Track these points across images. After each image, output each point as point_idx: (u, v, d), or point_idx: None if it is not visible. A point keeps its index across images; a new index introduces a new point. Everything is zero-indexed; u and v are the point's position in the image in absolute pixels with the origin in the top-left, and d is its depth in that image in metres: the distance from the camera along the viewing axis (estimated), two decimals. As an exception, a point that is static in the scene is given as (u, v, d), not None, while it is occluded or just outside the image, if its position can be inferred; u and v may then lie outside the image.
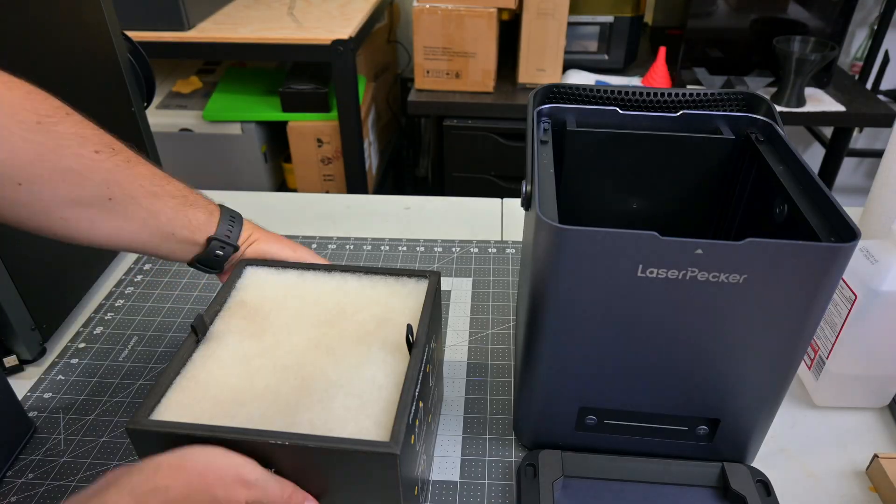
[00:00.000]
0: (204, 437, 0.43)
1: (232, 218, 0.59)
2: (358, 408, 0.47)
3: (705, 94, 0.61)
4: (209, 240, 0.56)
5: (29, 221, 0.49)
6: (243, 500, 0.42)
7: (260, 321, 0.55)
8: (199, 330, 0.52)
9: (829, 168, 1.81)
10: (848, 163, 2.26)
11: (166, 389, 0.48)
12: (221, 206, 0.59)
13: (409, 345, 0.51)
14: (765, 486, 0.55)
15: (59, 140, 0.47)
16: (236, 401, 0.48)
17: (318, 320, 0.55)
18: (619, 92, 0.61)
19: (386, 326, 0.54)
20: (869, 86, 1.89)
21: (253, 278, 0.59)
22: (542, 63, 1.66)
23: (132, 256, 0.88)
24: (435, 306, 0.56)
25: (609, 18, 1.68)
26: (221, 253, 0.57)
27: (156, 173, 0.54)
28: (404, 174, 2.32)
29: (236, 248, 0.58)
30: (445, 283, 0.83)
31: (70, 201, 0.49)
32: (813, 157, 2.16)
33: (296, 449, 0.43)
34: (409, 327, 0.51)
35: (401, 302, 0.57)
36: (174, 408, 0.47)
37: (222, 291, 0.57)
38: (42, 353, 0.72)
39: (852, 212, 0.60)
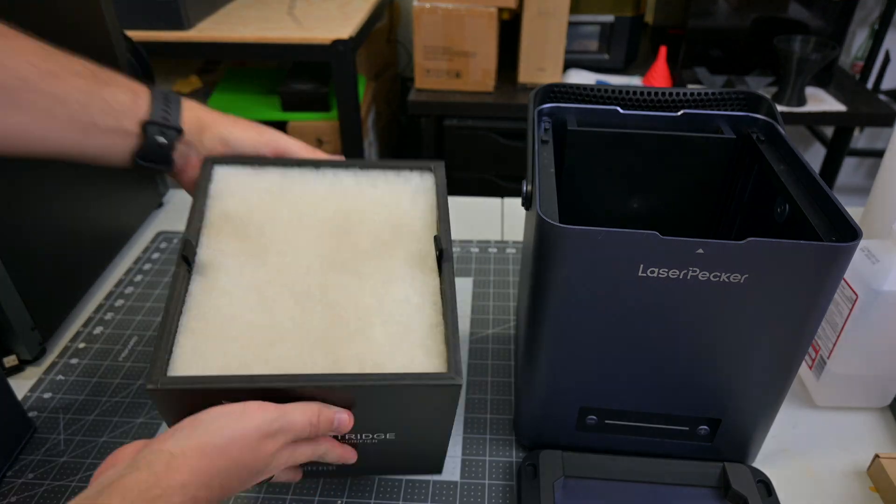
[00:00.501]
0: (245, 389, 0.38)
1: (166, 97, 0.48)
2: (401, 335, 0.43)
3: (706, 94, 0.61)
4: (144, 125, 0.46)
5: None
6: (274, 450, 0.38)
7: (255, 238, 0.48)
8: (190, 257, 0.44)
9: (830, 168, 1.81)
10: (849, 162, 2.26)
11: (175, 335, 0.41)
12: (150, 85, 0.48)
13: (438, 259, 0.47)
14: (766, 486, 0.55)
15: None
16: (263, 340, 0.42)
17: (322, 231, 0.48)
18: (620, 91, 0.61)
19: (401, 234, 0.49)
20: (870, 85, 1.89)
21: (227, 182, 0.50)
22: (542, 62, 1.66)
23: (132, 256, 0.88)
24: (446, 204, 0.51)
25: (609, 18, 1.69)
26: (164, 140, 0.46)
27: (49, 49, 0.43)
28: (404, 174, 2.32)
29: (180, 131, 0.47)
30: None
31: None
32: (814, 156, 2.16)
33: (353, 390, 0.40)
34: (437, 240, 0.47)
35: (409, 202, 0.51)
36: (192, 357, 0.41)
37: (197, 203, 0.48)
38: (42, 353, 0.72)
39: (853, 211, 0.60)
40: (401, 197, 0.51)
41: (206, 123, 0.49)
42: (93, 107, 0.44)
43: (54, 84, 0.42)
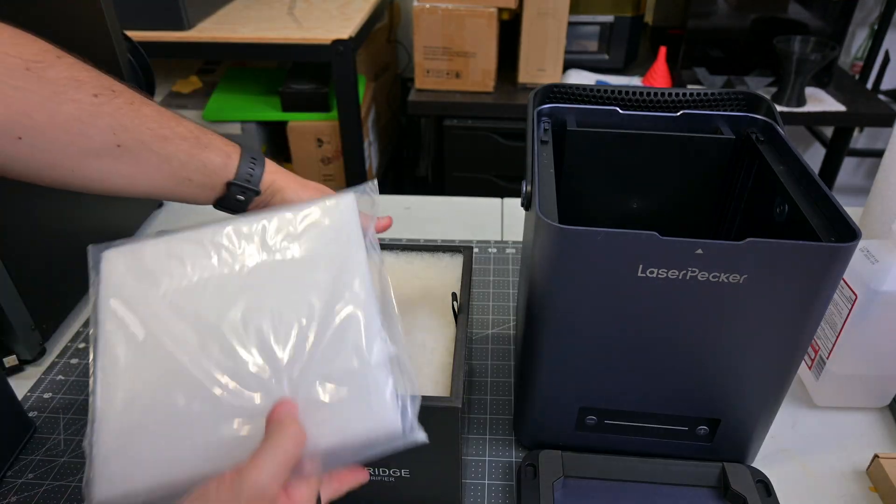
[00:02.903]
0: None
1: (253, 160, 0.54)
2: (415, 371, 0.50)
3: (705, 94, 0.61)
4: (228, 185, 0.53)
5: (39, 176, 0.47)
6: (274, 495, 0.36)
7: None
8: None
9: (830, 168, 1.81)
10: (848, 163, 2.26)
11: None
12: (242, 147, 0.55)
13: (455, 312, 0.55)
14: (765, 486, 0.55)
15: (53, 86, 0.44)
16: None
17: None
18: (620, 92, 0.61)
19: (428, 297, 0.59)
20: (869, 86, 1.89)
21: None
22: (542, 63, 1.66)
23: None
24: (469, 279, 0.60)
25: (609, 18, 1.68)
26: (242, 198, 0.54)
27: (163, 113, 0.51)
28: (404, 174, 2.32)
29: (257, 192, 0.54)
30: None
31: (77, 152, 0.46)
32: (813, 156, 2.16)
33: None
34: (455, 295, 0.55)
35: (439, 274, 0.61)
36: None
37: None
38: (42, 353, 0.72)
39: (852, 212, 0.60)
40: (432, 271, 0.62)
41: (280, 187, 0.55)
42: (191, 166, 0.51)
43: (164, 146, 0.49)
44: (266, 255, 0.44)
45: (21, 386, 0.68)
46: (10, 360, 0.69)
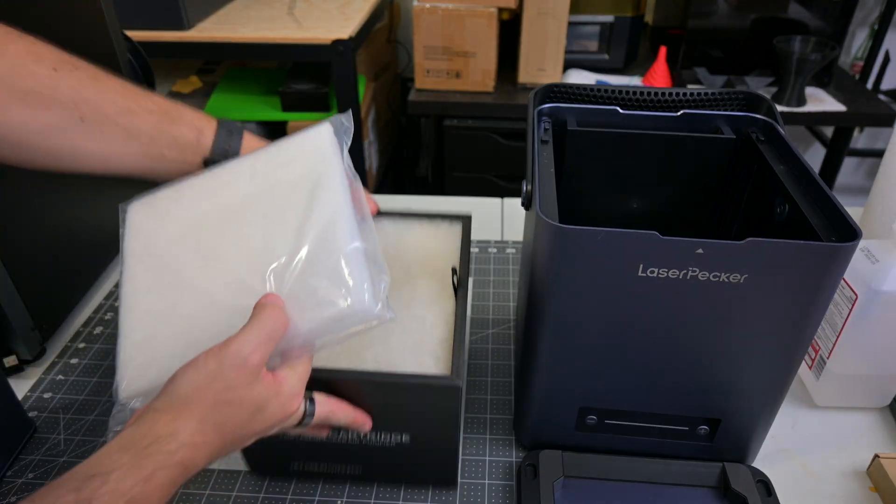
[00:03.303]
0: None
1: (230, 133, 0.53)
2: (415, 345, 0.52)
3: (706, 94, 0.61)
4: (205, 161, 0.52)
5: (9, 156, 0.47)
6: (257, 363, 0.40)
7: None
8: None
9: (830, 168, 1.81)
10: (848, 162, 2.26)
11: None
12: (220, 121, 0.54)
13: (454, 286, 0.55)
14: (765, 486, 0.55)
15: (13, 60, 0.45)
16: None
17: None
18: (620, 91, 0.61)
19: (427, 268, 0.59)
20: (870, 85, 1.89)
21: None
22: (542, 63, 1.66)
23: (132, 256, 0.87)
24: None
25: (609, 18, 1.69)
26: None
27: (130, 88, 0.50)
28: (404, 174, 2.32)
29: None
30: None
31: (41, 127, 0.46)
32: (813, 156, 2.16)
33: (368, 383, 0.48)
34: (454, 270, 0.56)
35: (437, 244, 0.61)
36: None
37: None
38: (42, 353, 0.72)
39: (853, 211, 0.60)
40: (430, 240, 0.62)
41: None
42: (161, 141, 0.50)
43: (130, 120, 0.49)
44: (255, 184, 0.49)
45: (21, 386, 0.68)
46: (10, 360, 0.69)
